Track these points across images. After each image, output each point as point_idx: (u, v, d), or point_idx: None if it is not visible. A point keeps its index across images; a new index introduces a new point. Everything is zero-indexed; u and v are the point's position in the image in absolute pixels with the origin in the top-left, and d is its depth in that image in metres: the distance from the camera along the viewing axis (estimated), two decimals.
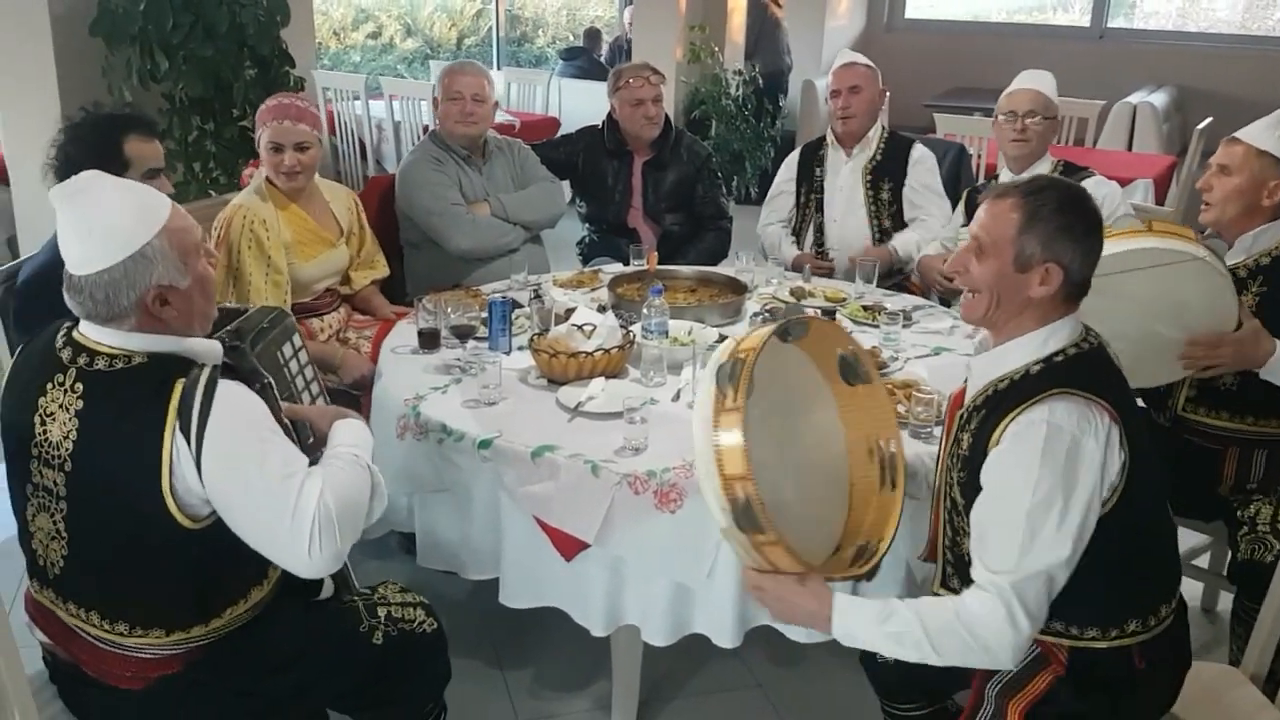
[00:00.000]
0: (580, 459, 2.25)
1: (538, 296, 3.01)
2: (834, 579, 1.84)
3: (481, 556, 2.47)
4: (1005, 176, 3.40)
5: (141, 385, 1.70)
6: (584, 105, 6.71)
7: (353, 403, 2.90)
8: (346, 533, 1.72)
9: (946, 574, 1.92)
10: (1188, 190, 5.56)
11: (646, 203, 4.10)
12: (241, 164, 4.35)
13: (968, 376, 1.88)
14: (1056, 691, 1.76)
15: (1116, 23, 8.78)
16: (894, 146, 3.85)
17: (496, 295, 2.95)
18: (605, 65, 8.34)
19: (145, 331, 1.74)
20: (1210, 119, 5.80)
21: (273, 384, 1.87)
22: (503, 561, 2.41)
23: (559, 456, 2.27)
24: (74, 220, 1.71)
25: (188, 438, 1.65)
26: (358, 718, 2.14)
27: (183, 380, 1.68)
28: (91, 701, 1.90)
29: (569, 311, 2.95)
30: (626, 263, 3.64)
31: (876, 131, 3.85)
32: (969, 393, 1.84)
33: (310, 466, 1.76)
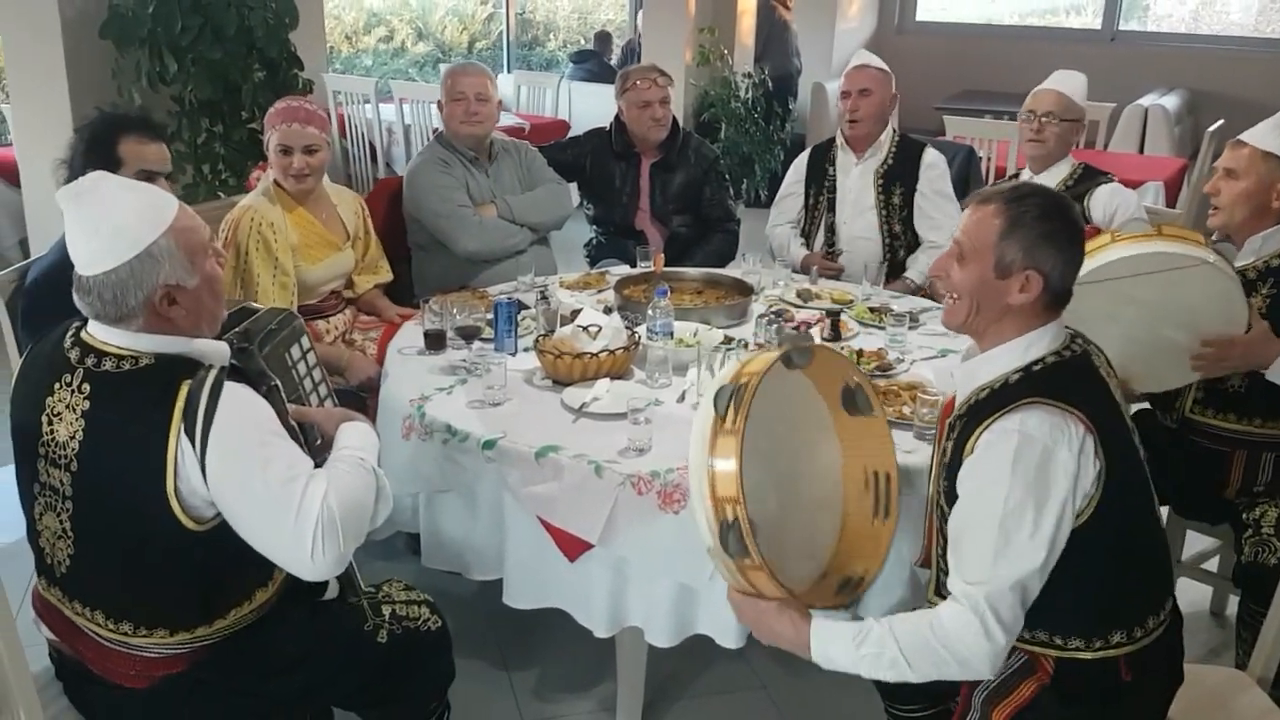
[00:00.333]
0: (584, 459, 2.26)
1: (544, 298, 3.01)
2: (815, 608, 1.83)
3: (486, 557, 2.47)
4: (1025, 177, 3.38)
5: (148, 387, 1.70)
6: (594, 108, 6.72)
7: (359, 404, 2.91)
8: (350, 536, 1.72)
9: (940, 582, 1.91)
10: (1198, 193, 5.52)
11: (654, 205, 4.10)
12: (250, 166, 4.36)
13: (956, 383, 1.88)
14: (1041, 700, 1.75)
15: (1129, 26, 8.76)
16: (906, 151, 3.82)
17: (502, 297, 2.96)
18: (616, 68, 8.34)
19: (153, 332, 1.74)
20: (1221, 121, 5.77)
21: (279, 386, 1.87)
22: (506, 562, 2.41)
23: (563, 457, 2.27)
24: (81, 221, 1.72)
25: (192, 440, 1.65)
26: (363, 715, 2.14)
27: (188, 382, 1.68)
28: (96, 699, 1.90)
29: (575, 313, 2.95)
30: (633, 265, 3.64)
31: (888, 135, 3.82)
32: (956, 401, 1.84)
33: (315, 469, 1.76)
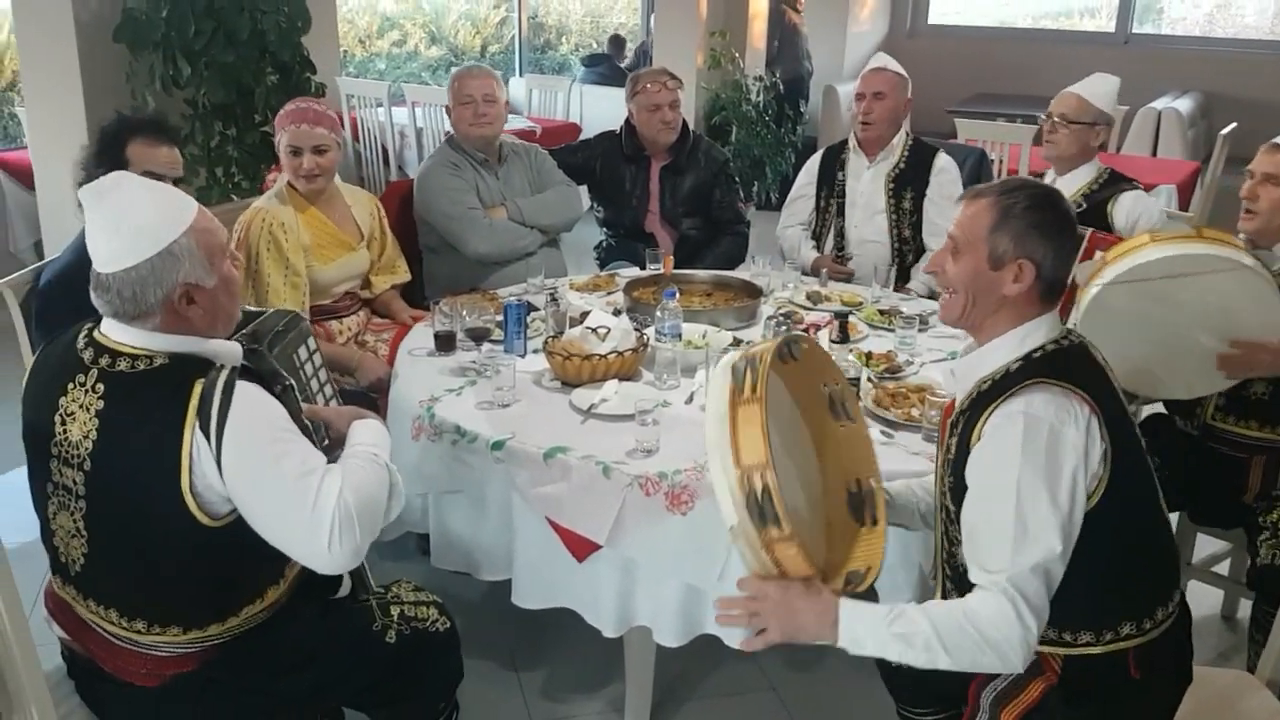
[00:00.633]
0: (592, 460, 2.26)
1: (554, 300, 3.02)
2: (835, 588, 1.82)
3: (495, 557, 2.48)
4: (1049, 177, 3.37)
5: (162, 386, 1.72)
6: (606, 111, 6.73)
7: (369, 405, 2.92)
8: (365, 529, 1.74)
9: (946, 589, 1.91)
10: (1212, 196, 5.52)
11: (664, 207, 4.11)
12: (264, 169, 4.39)
13: (956, 383, 1.88)
14: (1049, 700, 1.75)
15: (1143, 29, 8.73)
16: (918, 155, 3.80)
17: (512, 298, 2.97)
18: (628, 72, 8.35)
19: (169, 331, 1.76)
20: (1235, 124, 5.75)
21: (293, 386, 1.89)
22: (515, 562, 2.42)
23: (571, 458, 2.28)
24: (102, 219, 1.73)
25: (208, 436, 1.67)
26: (372, 715, 2.15)
27: (202, 381, 1.70)
28: (108, 697, 1.91)
29: (584, 315, 2.96)
30: (643, 267, 3.65)
31: (901, 139, 3.81)
32: (958, 399, 1.84)
33: (330, 465, 1.79)
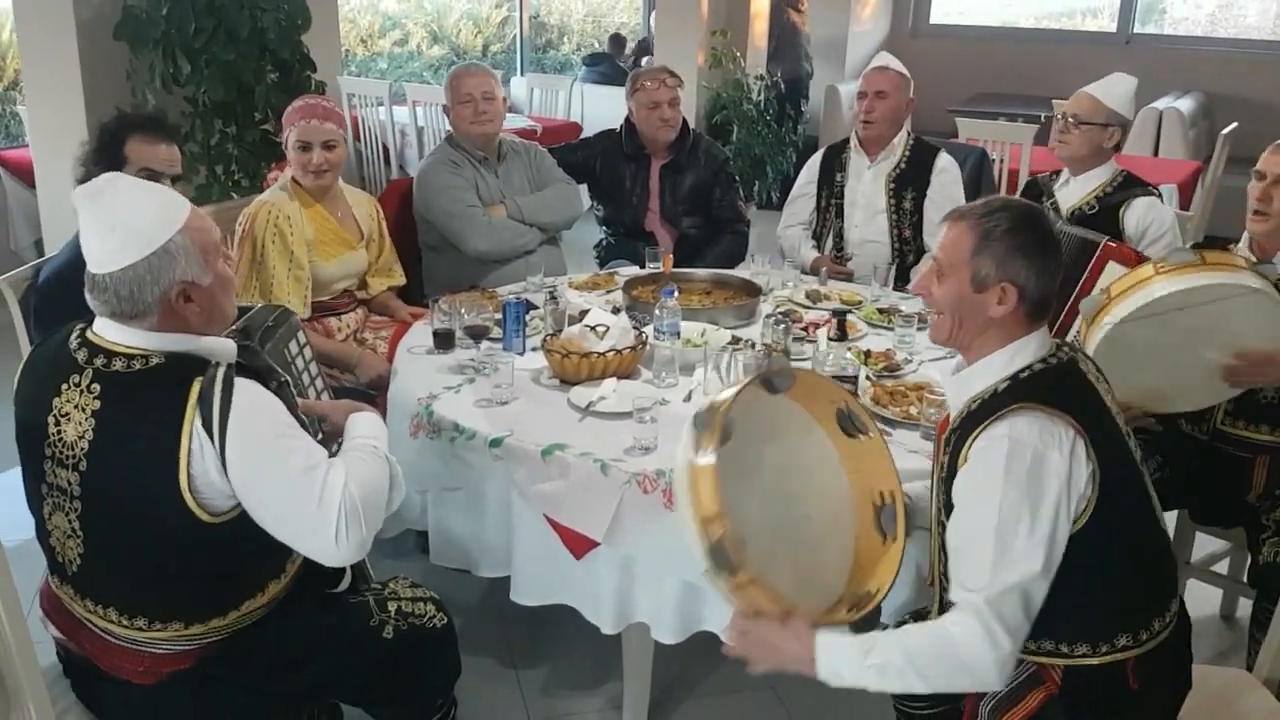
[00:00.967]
0: (590, 458, 2.26)
1: (553, 298, 3.02)
2: (821, 623, 1.82)
3: (493, 554, 2.48)
4: (1063, 177, 3.36)
5: (159, 385, 1.72)
6: (607, 111, 6.72)
7: (368, 402, 2.91)
8: (370, 521, 1.76)
9: (945, 603, 1.90)
10: (1212, 195, 5.51)
11: (664, 206, 4.10)
12: (264, 167, 4.38)
13: (949, 400, 1.89)
14: (1048, 710, 1.75)
15: (1145, 29, 8.73)
16: (919, 155, 3.80)
17: (511, 296, 2.96)
18: (629, 71, 8.34)
19: (166, 330, 1.76)
20: (1236, 124, 5.75)
21: (289, 381, 1.89)
22: (514, 559, 2.42)
23: (569, 455, 2.28)
24: (96, 219, 1.73)
25: (210, 434, 1.67)
26: (369, 711, 2.15)
27: (200, 379, 1.70)
28: (104, 695, 1.91)
29: (583, 313, 2.96)
30: (643, 266, 3.64)
31: (902, 139, 3.80)
32: (951, 416, 1.85)
33: (332, 458, 1.80)
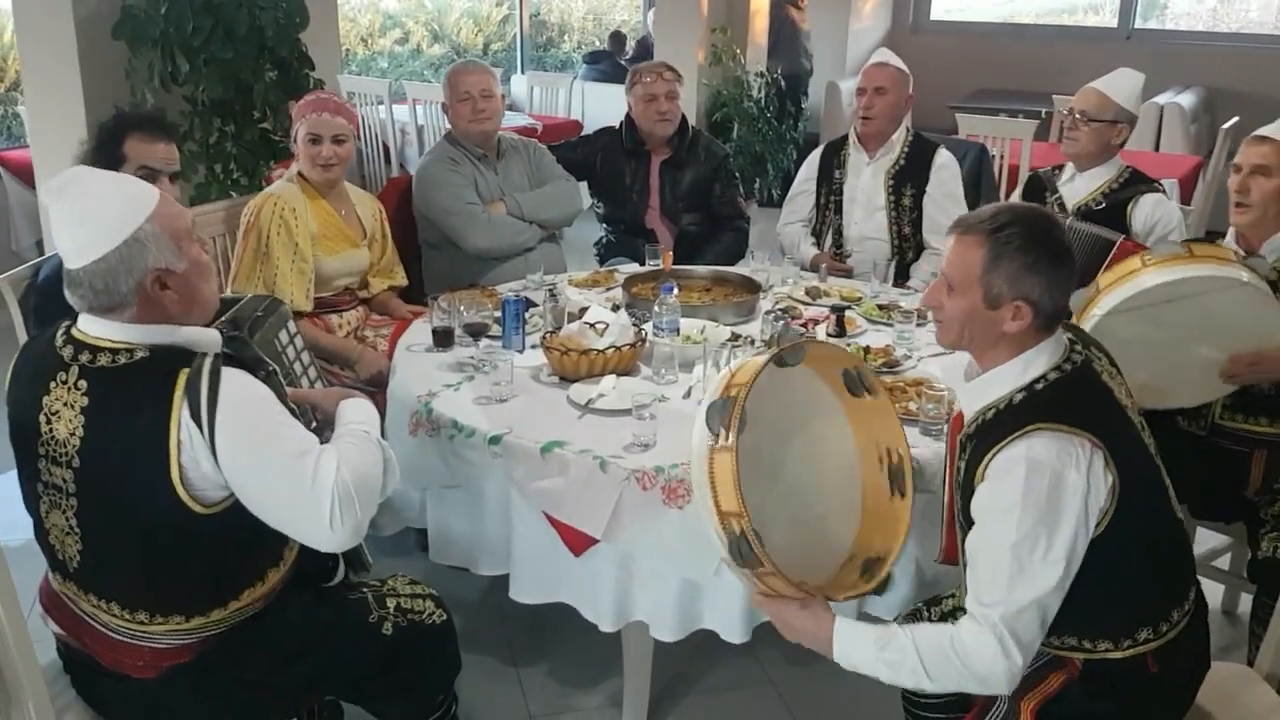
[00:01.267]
0: (589, 455, 2.26)
1: (553, 296, 3.01)
2: (839, 599, 1.85)
3: (493, 552, 2.48)
4: (1067, 173, 3.37)
5: (145, 378, 1.72)
6: (607, 108, 6.71)
7: (369, 399, 2.92)
8: (364, 506, 1.76)
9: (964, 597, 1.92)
10: (1213, 190, 5.50)
11: (664, 202, 4.09)
12: (263, 165, 4.38)
13: (961, 402, 1.88)
14: (1069, 691, 1.76)
15: (1147, 24, 8.71)
16: (918, 151, 3.78)
17: (511, 294, 2.96)
18: (629, 68, 8.34)
19: (146, 322, 1.75)
20: (1237, 119, 5.73)
21: (277, 371, 1.89)
22: (513, 557, 2.42)
23: (568, 452, 2.27)
24: (64, 214, 1.73)
25: (199, 424, 1.67)
26: (369, 709, 2.15)
27: (186, 370, 1.70)
28: (105, 691, 1.92)
29: (582, 310, 2.95)
30: (643, 263, 3.64)
31: (901, 135, 3.79)
32: (965, 418, 1.84)
33: (324, 445, 1.80)
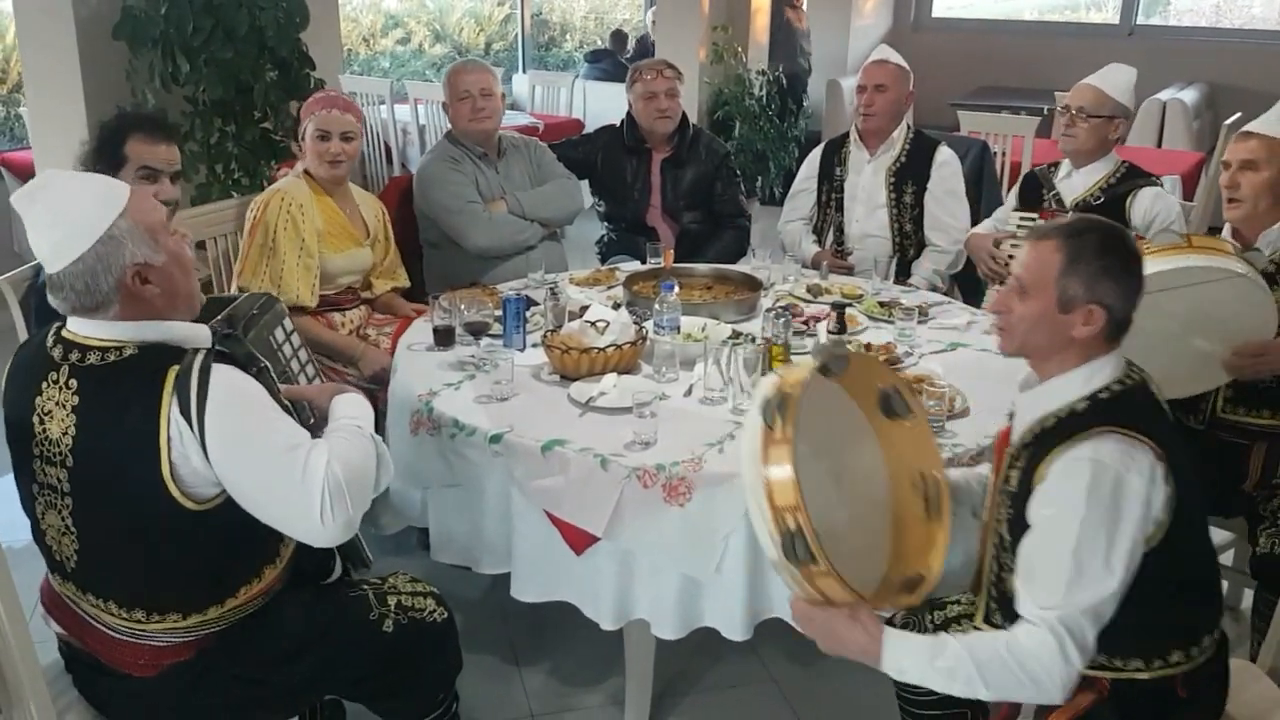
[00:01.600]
0: (590, 453, 2.26)
1: (554, 294, 3.01)
2: (884, 608, 1.83)
3: (494, 550, 2.48)
4: (1064, 170, 3.38)
5: (135, 375, 1.72)
6: (608, 107, 6.70)
7: (370, 397, 2.92)
8: (356, 500, 1.75)
9: (990, 609, 1.91)
10: (1215, 186, 5.48)
11: (665, 200, 4.09)
12: (264, 166, 4.38)
13: (1013, 413, 1.88)
14: (1099, 711, 1.74)
15: (1150, 20, 8.70)
16: (919, 148, 3.78)
17: (511, 293, 2.96)
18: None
19: (132, 318, 1.76)
20: (1239, 114, 5.72)
21: (269, 367, 1.89)
22: (514, 555, 2.42)
23: (569, 451, 2.27)
24: (37, 219, 1.73)
25: (189, 421, 1.68)
26: (370, 707, 2.15)
27: (176, 367, 1.71)
28: (106, 690, 1.92)
29: (583, 308, 2.95)
30: (644, 261, 3.64)
31: (902, 132, 3.79)
32: (1016, 430, 1.84)
33: (315, 439, 1.80)
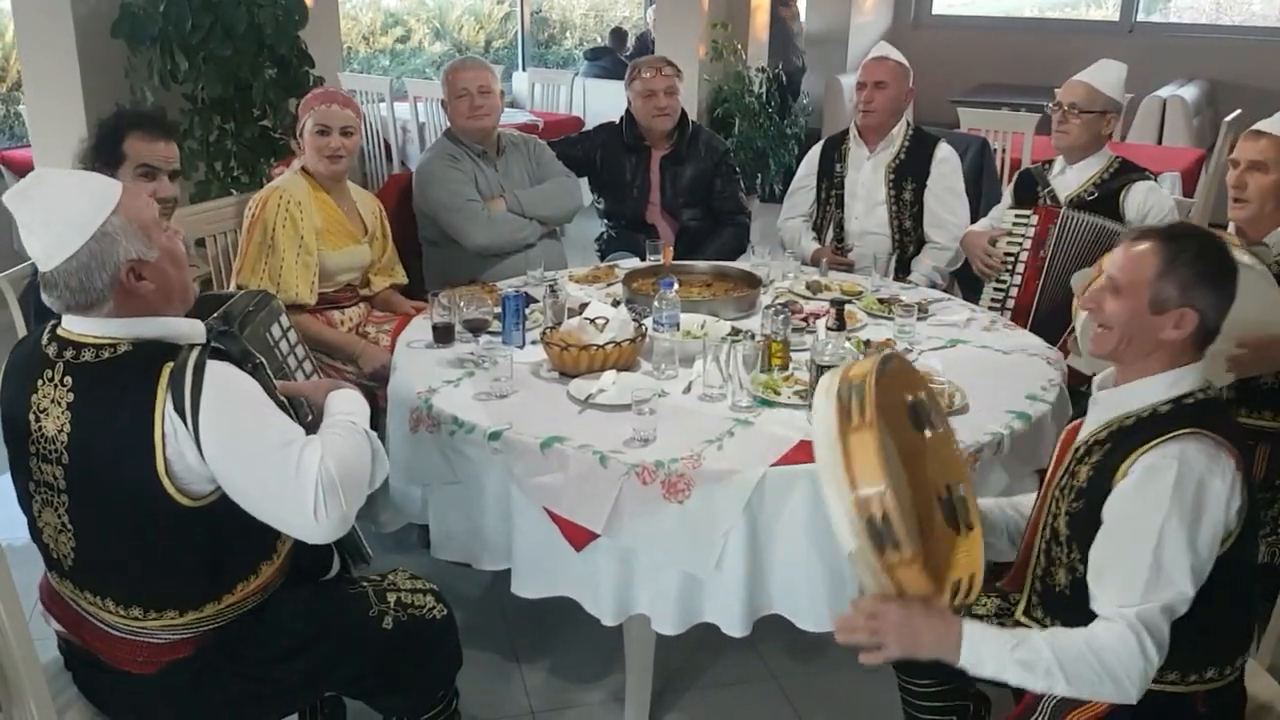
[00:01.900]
0: (589, 450, 2.26)
1: (553, 291, 3.01)
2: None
3: (494, 547, 2.48)
4: (1057, 167, 3.38)
5: (129, 372, 1.72)
6: (608, 105, 6.69)
7: (369, 394, 2.92)
8: (351, 496, 1.75)
9: (1031, 603, 1.91)
10: (1216, 183, 5.49)
11: (664, 198, 4.09)
12: (263, 163, 4.39)
13: (1088, 410, 1.87)
14: (1117, 717, 1.73)
15: (1150, 17, 8.70)
16: (918, 145, 3.78)
17: (510, 290, 2.96)
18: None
19: (126, 315, 1.76)
20: (1239, 111, 5.72)
21: (265, 364, 1.89)
22: (514, 552, 2.42)
23: (568, 448, 2.27)
24: (30, 218, 1.73)
25: (183, 417, 1.68)
26: (370, 704, 2.15)
27: (170, 364, 1.71)
28: (106, 687, 1.92)
29: (582, 306, 2.95)
30: (643, 259, 3.63)
31: (901, 129, 3.79)
32: (1087, 426, 1.84)
33: (310, 436, 1.79)
